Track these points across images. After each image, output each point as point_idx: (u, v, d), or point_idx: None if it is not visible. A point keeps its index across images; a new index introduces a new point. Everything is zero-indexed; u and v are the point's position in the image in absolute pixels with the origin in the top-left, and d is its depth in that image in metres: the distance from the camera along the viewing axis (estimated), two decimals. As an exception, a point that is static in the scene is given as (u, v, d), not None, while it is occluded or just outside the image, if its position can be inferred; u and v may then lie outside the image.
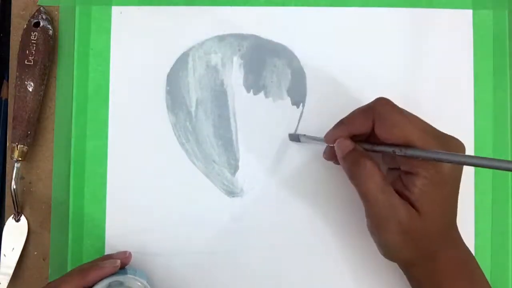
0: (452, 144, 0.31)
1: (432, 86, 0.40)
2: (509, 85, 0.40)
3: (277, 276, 0.39)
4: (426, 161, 0.30)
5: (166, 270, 0.39)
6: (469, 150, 0.40)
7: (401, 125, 0.30)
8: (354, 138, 0.33)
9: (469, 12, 0.41)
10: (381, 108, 0.31)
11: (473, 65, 0.40)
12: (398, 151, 0.30)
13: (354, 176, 0.32)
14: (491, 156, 0.39)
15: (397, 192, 0.31)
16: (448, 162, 0.29)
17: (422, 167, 0.30)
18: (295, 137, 0.39)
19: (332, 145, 0.34)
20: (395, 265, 0.35)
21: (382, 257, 0.34)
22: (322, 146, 0.38)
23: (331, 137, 0.34)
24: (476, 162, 0.27)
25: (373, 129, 0.32)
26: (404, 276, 0.35)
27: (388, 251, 0.33)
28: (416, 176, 0.30)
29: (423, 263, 0.32)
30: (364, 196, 0.32)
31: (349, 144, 0.33)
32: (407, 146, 0.30)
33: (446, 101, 0.40)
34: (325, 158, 0.37)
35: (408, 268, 0.34)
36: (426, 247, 0.31)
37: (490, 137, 0.40)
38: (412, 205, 0.31)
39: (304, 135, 0.39)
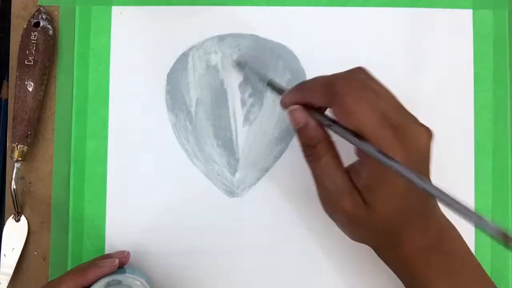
0: (413, 135, 0.28)
1: (432, 86, 0.40)
2: (509, 85, 0.40)
3: (277, 275, 0.39)
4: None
5: (166, 269, 0.39)
6: (469, 150, 0.40)
7: (356, 112, 0.27)
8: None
9: (469, 12, 0.41)
10: (341, 88, 0.28)
11: (473, 65, 0.40)
12: (349, 138, 0.28)
13: (305, 154, 0.31)
14: (491, 156, 0.40)
15: (351, 175, 0.29)
16: (386, 166, 0.26)
17: (371, 160, 0.27)
18: (241, 65, 0.38)
19: (285, 109, 0.32)
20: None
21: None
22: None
23: (287, 101, 0.32)
24: (411, 177, 0.25)
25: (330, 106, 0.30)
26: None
27: (346, 234, 0.31)
28: (363, 167, 0.28)
29: (387, 249, 0.31)
30: (313, 175, 0.30)
31: (302, 118, 0.30)
32: (359, 134, 0.27)
33: (446, 101, 0.40)
34: (281, 104, 0.33)
35: (376, 252, 0.32)
36: (383, 235, 0.30)
37: (490, 137, 0.40)
38: (360, 194, 0.28)
39: (251, 67, 0.37)
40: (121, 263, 0.36)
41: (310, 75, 0.40)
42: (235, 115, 0.40)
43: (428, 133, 0.29)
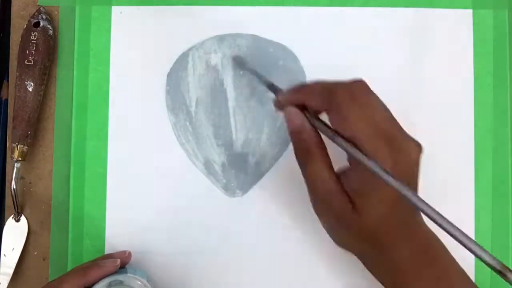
0: (403, 148, 0.29)
1: (432, 86, 0.40)
2: (509, 85, 0.40)
3: (277, 275, 0.39)
4: None
5: (166, 270, 0.39)
6: (470, 150, 0.40)
7: (352, 121, 0.28)
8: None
9: (469, 12, 0.41)
10: (341, 96, 0.29)
11: (473, 65, 0.40)
12: (342, 144, 0.29)
13: (298, 156, 0.31)
14: (491, 156, 0.40)
15: (342, 180, 0.30)
16: (378, 177, 0.27)
17: (363, 168, 0.28)
18: (240, 63, 0.39)
19: (279, 109, 0.32)
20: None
21: None
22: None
23: (284, 101, 0.32)
24: (400, 189, 0.25)
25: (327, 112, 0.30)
26: None
27: (333, 239, 0.32)
28: (354, 172, 0.29)
29: (371, 257, 0.31)
30: (305, 177, 0.31)
31: (298, 120, 0.31)
32: (353, 143, 0.28)
33: (446, 101, 0.40)
34: (274, 106, 0.34)
35: (361, 260, 0.32)
36: (370, 242, 0.30)
37: (490, 137, 0.40)
38: (349, 198, 0.29)
39: (250, 69, 0.38)
40: (123, 263, 0.36)
41: (310, 75, 0.40)
42: (235, 115, 0.40)
43: (418, 148, 0.30)
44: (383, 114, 0.30)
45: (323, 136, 0.31)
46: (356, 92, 0.29)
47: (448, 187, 0.39)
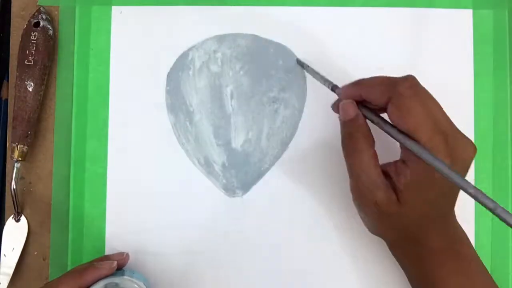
0: (460, 146, 0.30)
1: (432, 86, 0.40)
2: (509, 85, 0.40)
3: (277, 275, 0.39)
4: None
5: (166, 270, 0.39)
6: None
7: (413, 114, 0.29)
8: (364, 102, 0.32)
9: (469, 12, 0.41)
10: (404, 89, 0.30)
11: (473, 65, 0.40)
12: (401, 138, 0.29)
13: (345, 146, 0.32)
14: (491, 156, 0.40)
15: (387, 173, 0.31)
16: (437, 170, 0.27)
17: (417, 162, 0.29)
18: (300, 64, 0.39)
19: (341, 100, 0.33)
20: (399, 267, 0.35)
21: (386, 257, 0.34)
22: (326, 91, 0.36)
23: (344, 94, 0.33)
24: (461, 183, 0.26)
25: (386, 105, 0.31)
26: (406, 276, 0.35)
27: (368, 226, 0.34)
28: (408, 168, 0.30)
29: (404, 245, 0.33)
30: (349, 169, 0.32)
31: (352, 112, 0.32)
32: (411, 137, 0.29)
33: (446, 101, 0.40)
34: (333, 109, 0.35)
35: (392, 249, 0.34)
36: (405, 232, 0.32)
37: (490, 137, 0.40)
38: (395, 190, 0.30)
39: (309, 67, 0.38)
40: (120, 265, 0.36)
41: (309, 75, 0.40)
42: (235, 115, 0.40)
43: (474, 147, 0.31)
44: (441, 111, 0.31)
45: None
46: (417, 87, 0.30)
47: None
